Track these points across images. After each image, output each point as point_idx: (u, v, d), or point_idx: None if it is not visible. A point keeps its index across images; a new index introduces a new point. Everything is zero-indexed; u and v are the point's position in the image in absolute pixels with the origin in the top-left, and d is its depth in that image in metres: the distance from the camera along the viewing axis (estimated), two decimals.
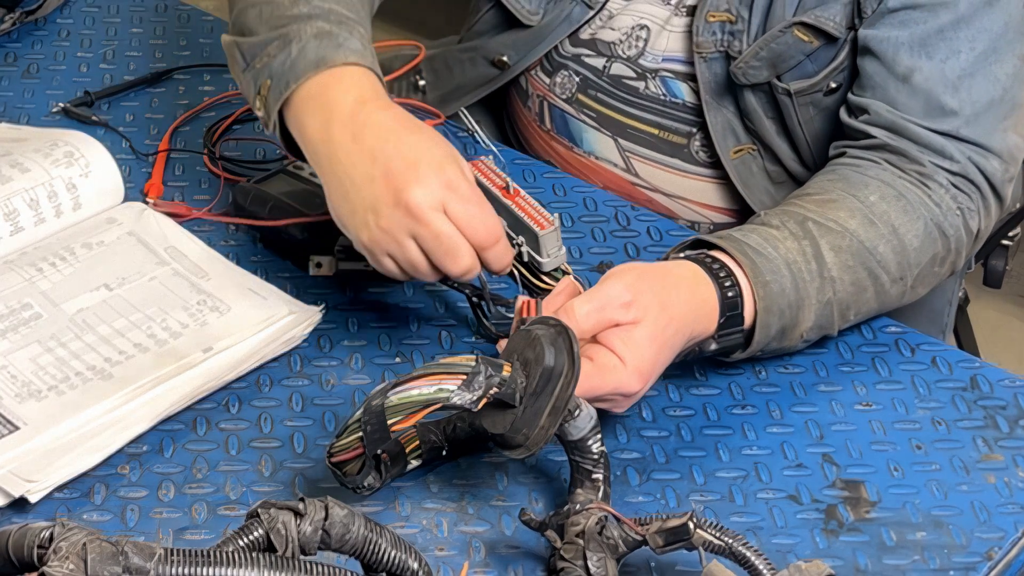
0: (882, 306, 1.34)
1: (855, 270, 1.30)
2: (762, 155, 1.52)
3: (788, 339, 1.28)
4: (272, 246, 1.40)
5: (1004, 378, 1.30)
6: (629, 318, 1.16)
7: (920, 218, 1.33)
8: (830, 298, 1.28)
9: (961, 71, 1.37)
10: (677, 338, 1.19)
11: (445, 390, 1.05)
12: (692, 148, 1.53)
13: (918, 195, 1.35)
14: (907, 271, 1.33)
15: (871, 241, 1.31)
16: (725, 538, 1.02)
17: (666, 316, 1.18)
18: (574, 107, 1.57)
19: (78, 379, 1.22)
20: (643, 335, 1.16)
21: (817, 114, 1.48)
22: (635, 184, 1.57)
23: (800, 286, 1.26)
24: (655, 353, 1.17)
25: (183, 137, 1.55)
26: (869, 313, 1.34)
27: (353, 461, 1.09)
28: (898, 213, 1.33)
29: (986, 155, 1.38)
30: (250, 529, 0.95)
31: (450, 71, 1.65)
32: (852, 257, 1.29)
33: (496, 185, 1.35)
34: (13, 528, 0.93)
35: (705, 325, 1.23)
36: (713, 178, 1.55)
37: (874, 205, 1.33)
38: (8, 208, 1.35)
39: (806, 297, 1.27)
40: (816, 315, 1.28)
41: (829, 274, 1.28)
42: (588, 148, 1.58)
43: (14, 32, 1.70)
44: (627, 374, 1.15)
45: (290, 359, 1.29)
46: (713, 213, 1.57)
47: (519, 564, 1.11)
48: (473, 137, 1.50)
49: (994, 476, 1.20)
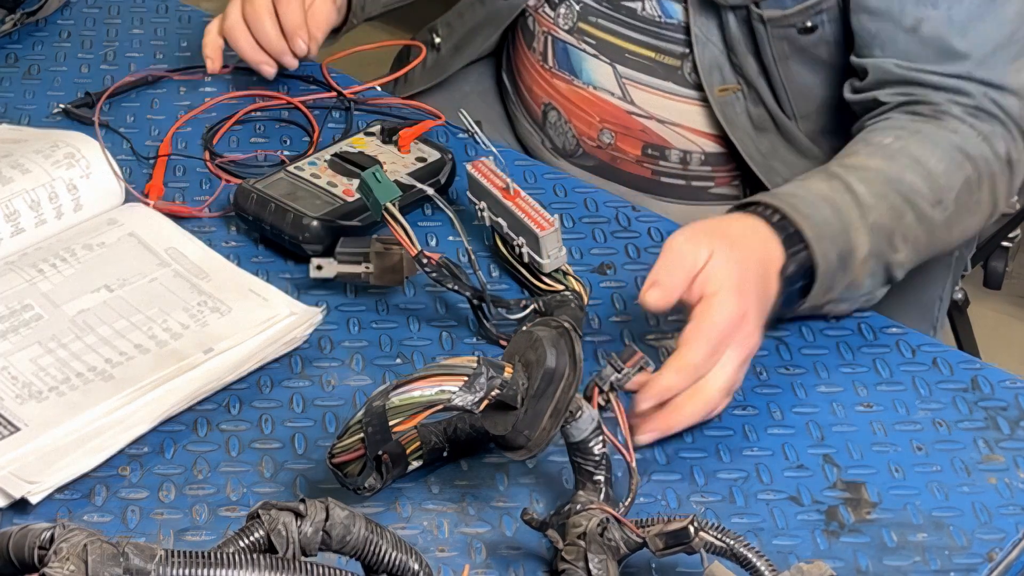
0: (930, 235, 1.36)
1: (888, 196, 1.33)
2: (745, 96, 1.54)
3: (852, 271, 1.30)
4: (272, 247, 1.40)
5: (1005, 379, 1.30)
6: (701, 259, 1.21)
7: (938, 145, 1.37)
8: (874, 221, 1.32)
9: (968, 15, 1.40)
10: (750, 256, 1.24)
11: (446, 391, 1.05)
12: (684, 71, 1.56)
13: (933, 128, 1.39)
14: (942, 194, 1.36)
15: (895, 172, 1.35)
16: (726, 539, 1.02)
17: (728, 240, 1.24)
18: (576, 37, 1.60)
19: (79, 380, 1.22)
20: (717, 263, 1.21)
21: (793, 53, 1.51)
22: (631, 113, 1.60)
23: (841, 214, 1.30)
24: (740, 271, 1.21)
25: (184, 138, 1.55)
26: (920, 243, 1.36)
27: (354, 462, 1.09)
28: (916, 145, 1.37)
29: (1002, 93, 1.40)
30: (251, 530, 0.95)
31: (462, 18, 1.72)
32: (881, 185, 1.33)
33: (496, 186, 1.35)
34: (14, 529, 0.93)
35: (768, 247, 1.26)
36: (703, 102, 1.57)
37: (890, 145, 1.37)
38: (9, 209, 1.35)
39: (850, 222, 1.30)
40: (868, 239, 1.31)
41: (864, 201, 1.32)
42: (587, 79, 1.61)
43: (15, 33, 1.70)
44: (722, 299, 1.19)
45: (291, 360, 1.29)
46: (705, 141, 1.59)
47: (520, 565, 1.11)
48: (473, 137, 1.50)
49: (995, 477, 1.20)
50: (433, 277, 1.27)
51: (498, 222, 1.36)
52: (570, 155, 1.66)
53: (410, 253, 1.27)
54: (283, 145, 1.55)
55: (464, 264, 1.31)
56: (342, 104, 1.60)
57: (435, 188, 1.38)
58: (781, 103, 1.55)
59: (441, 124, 1.57)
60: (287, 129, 1.58)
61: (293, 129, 1.58)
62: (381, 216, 1.26)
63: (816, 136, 1.57)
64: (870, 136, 1.41)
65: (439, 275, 1.27)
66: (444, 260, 1.28)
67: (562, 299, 1.31)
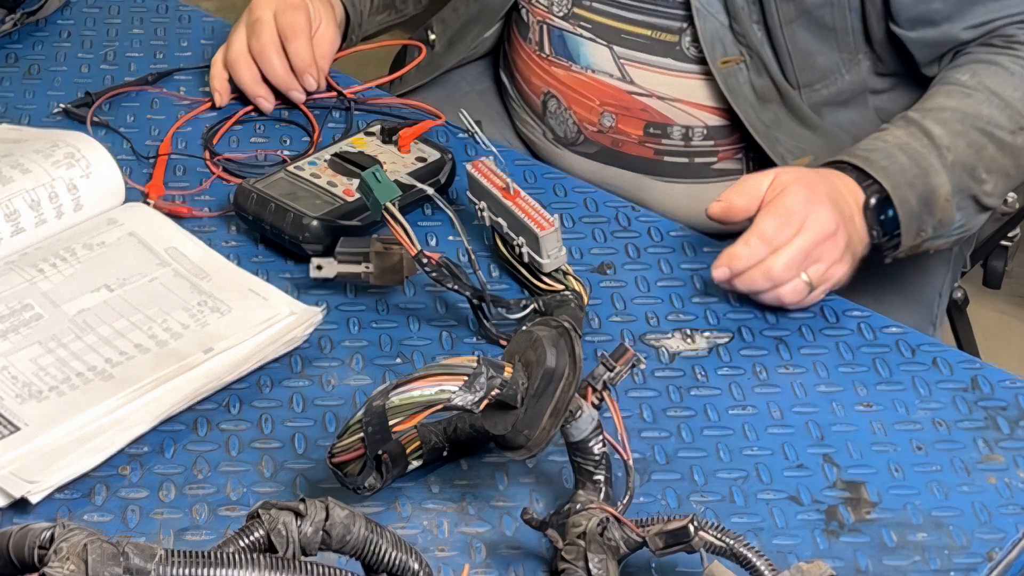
0: (1017, 160, 1.46)
1: (966, 134, 1.42)
2: (748, 67, 1.55)
3: (939, 209, 1.41)
4: (272, 247, 1.40)
5: (1005, 379, 1.30)
6: (768, 180, 1.36)
7: (1014, 74, 1.45)
8: (953, 160, 1.40)
9: None
10: (821, 180, 1.36)
11: (446, 391, 1.05)
12: (683, 45, 1.56)
13: (1007, 58, 1.46)
14: (1022, 120, 1.44)
15: (972, 108, 1.43)
16: (726, 539, 1.02)
17: (798, 172, 1.37)
18: (571, 22, 1.61)
19: (79, 380, 1.22)
20: (786, 178, 1.35)
21: (799, 16, 1.52)
22: (631, 93, 1.60)
23: (919, 159, 1.39)
24: (808, 182, 1.34)
25: (184, 138, 1.55)
26: (1007, 170, 1.46)
27: (354, 462, 1.09)
28: (991, 77, 1.45)
29: None
30: (251, 530, 0.95)
31: (455, 13, 1.74)
32: (959, 123, 1.42)
33: (496, 186, 1.35)
34: (14, 529, 0.93)
35: (843, 182, 1.37)
36: (704, 75, 1.57)
37: (966, 82, 1.45)
38: (9, 209, 1.35)
39: (929, 166, 1.40)
40: (949, 178, 1.40)
41: (941, 143, 1.41)
42: (585, 63, 1.61)
43: (15, 33, 1.70)
44: (791, 189, 1.33)
45: (291, 360, 1.29)
46: (707, 114, 1.59)
47: (520, 565, 1.11)
48: (473, 137, 1.50)
49: (995, 477, 1.20)
50: (433, 277, 1.27)
51: (498, 222, 1.36)
52: (572, 143, 1.66)
53: (410, 253, 1.27)
54: (283, 145, 1.55)
55: (464, 264, 1.31)
56: (342, 104, 1.60)
57: (435, 188, 1.38)
58: (786, 72, 1.56)
59: (441, 124, 1.57)
60: (287, 129, 1.58)
61: (293, 129, 1.58)
62: (381, 216, 1.26)
63: (819, 107, 1.58)
64: (948, 74, 1.48)
65: (439, 275, 1.27)
66: (444, 260, 1.28)
67: (562, 299, 1.31)
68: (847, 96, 1.58)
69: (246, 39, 1.58)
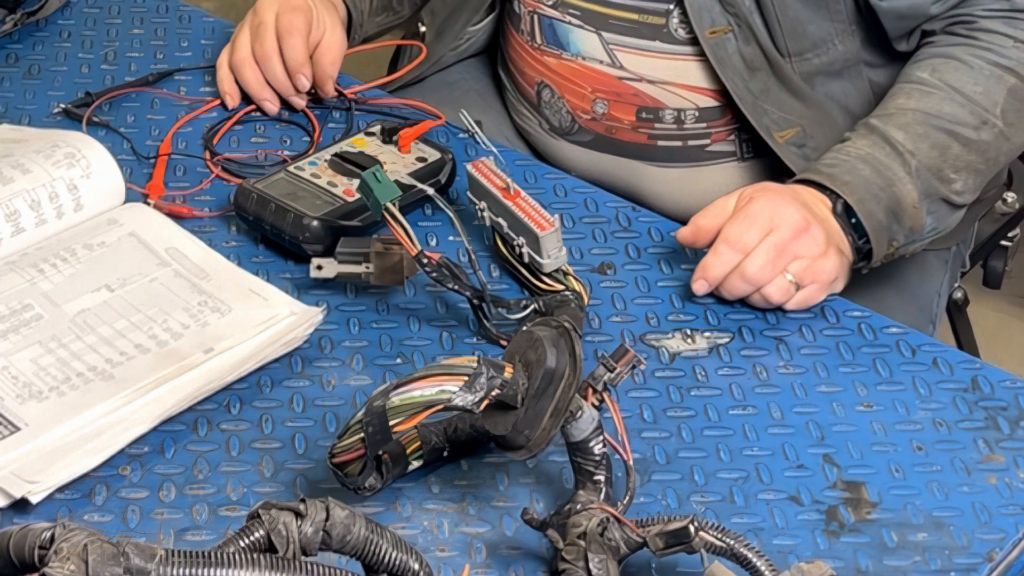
0: (984, 154, 1.45)
1: (928, 136, 1.42)
2: (737, 36, 1.55)
3: (908, 218, 1.41)
4: (273, 247, 1.40)
5: (1005, 379, 1.30)
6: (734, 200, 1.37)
7: (973, 67, 1.44)
8: (917, 165, 1.40)
9: None
10: (787, 192, 1.37)
11: (447, 391, 1.05)
12: (671, 26, 1.56)
13: (965, 51, 1.46)
14: (986, 114, 1.44)
15: (934, 107, 1.43)
16: (726, 539, 1.02)
17: (764, 187, 1.39)
18: (560, 10, 1.61)
19: (79, 380, 1.22)
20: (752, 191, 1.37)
21: None
22: (622, 78, 1.60)
23: (882, 170, 1.40)
24: (775, 194, 1.36)
25: (184, 138, 1.55)
26: (975, 167, 1.45)
27: (354, 462, 1.09)
28: (950, 73, 1.45)
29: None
30: (251, 530, 0.95)
31: (444, 2, 1.74)
32: (920, 125, 1.42)
33: (496, 186, 1.35)
34: (14, 529, 0.93)
35: (808, 193, 1.38)
36: (694, 55, 1.57)
37: (926, 80, 1.46)
38: (9, 209, 1.35)
39: (893, 176, 1.40)
40: (915, 185, 1.41)
41: (904, 148, 1.41)
42: (575, 50, 1.62)
43: (15, 33, 1.70)
44: (757, 199, 1.34)
45: (291, 360, 1.29)
46: (698, 96, 1.59)
47: (520, 565, 1.11)
48: (473, 137, 1.50)
49: (995, 477, 1.20)
50: (433, 277, 1.27)
51: (498, 222, 1.36)
52: (567, 133, 1.66)
53: (410, 253, 1.27)
54: (283, 145, 1.55)
55: (464, 264, 1.31)
56: (342, 104, 1.60)
57: (435, 188, 1.38)
58: (775, 40, 1.55)
59: (441, 124, 1.57)
60: (287, 129, 1.58)
61: (293, 129, 1.58)
62: (381, 216, 1.26)
63: (810, 77, 1.58)
64: (909, 71, 1.49)
65: (439, 275, 1.27)
66: (444, 260, 1.28)
67: (562, 299, 1.31)
68: (840, 66, 1.57)
69: (250, 42, 1.59)
